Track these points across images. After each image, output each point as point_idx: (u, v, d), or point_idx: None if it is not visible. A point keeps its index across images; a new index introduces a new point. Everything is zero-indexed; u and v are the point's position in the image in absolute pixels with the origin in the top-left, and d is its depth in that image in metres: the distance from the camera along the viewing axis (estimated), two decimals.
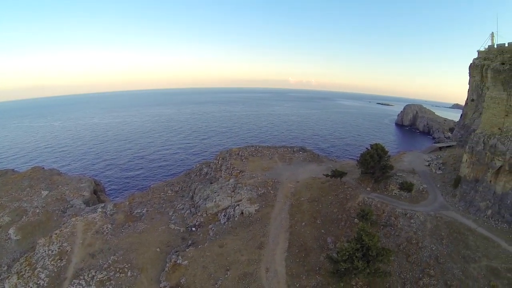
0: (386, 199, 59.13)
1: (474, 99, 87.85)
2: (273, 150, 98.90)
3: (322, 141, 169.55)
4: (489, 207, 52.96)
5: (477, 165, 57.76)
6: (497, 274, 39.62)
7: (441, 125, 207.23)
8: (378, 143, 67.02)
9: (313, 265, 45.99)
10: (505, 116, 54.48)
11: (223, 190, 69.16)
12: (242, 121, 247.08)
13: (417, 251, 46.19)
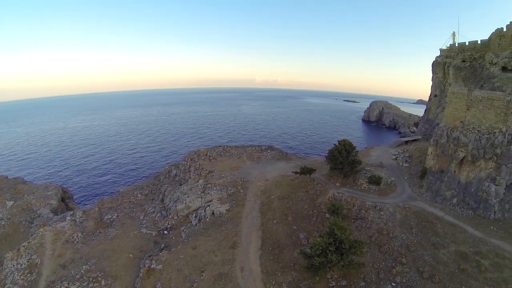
0: (356, 193, 60.49)
1: (437, 95, 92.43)
2: (241, 150, 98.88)
3: (290, 139, 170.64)
4: (454, 195, 55.50)
5: (441, 156, 60.35)
6: (466, 258, 41.53)
7: (406, 120, 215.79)
8: (345, 139, 68.14)
9: (287, 262, 46.38)
10: (467, 110, 56.99)
11: (193, 191, 68.79)
12: (210, 121, 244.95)
13: (388, 241, 47.50)
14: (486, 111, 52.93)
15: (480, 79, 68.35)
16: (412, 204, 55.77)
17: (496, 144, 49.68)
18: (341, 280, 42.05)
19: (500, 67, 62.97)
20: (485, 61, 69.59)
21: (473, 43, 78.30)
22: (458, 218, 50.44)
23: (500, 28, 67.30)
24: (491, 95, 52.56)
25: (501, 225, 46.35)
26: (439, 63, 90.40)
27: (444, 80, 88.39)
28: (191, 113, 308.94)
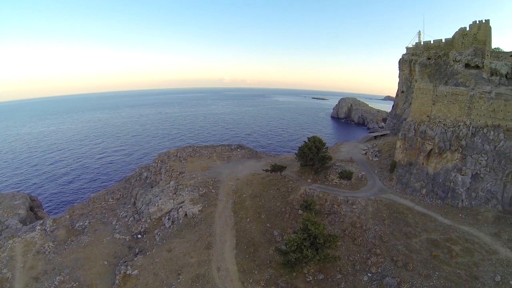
0: (328, 189, 61.18)
1: (404, 91, 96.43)
2: (211, 149, 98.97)
3: (260, 137, 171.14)
4: (423, 186, 57.84)
5: (409, 150, 62.62)
6: (437, 244, 43.37)
7: (374, 116, 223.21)
8: (315, 136, 68.89)
9: (263, 259, 46.43)
10: (432, 104, 59.48)
11: (165, 193, 68.22)
12: (180, 122, 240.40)
13: (362, 233, 48.56)
14: (451, 106, 55.49)
15: (444, 75, 71.98)
16: (383, 196, 57.43)
17: (461, 137, 52.35)
18: (318, 274, 42.34)
19: (463, 64, 66.68)
20: (449, 59, 73.48)
21: (438, 41, 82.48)
22: (428, 207, 52.66)
23: (463, 28, 71.57)
24: (455, 90, 55.24)
25: (469, 212, 48.96)
26: (406, 60, 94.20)
27: (410, 76, 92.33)
28: (160, 114, 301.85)
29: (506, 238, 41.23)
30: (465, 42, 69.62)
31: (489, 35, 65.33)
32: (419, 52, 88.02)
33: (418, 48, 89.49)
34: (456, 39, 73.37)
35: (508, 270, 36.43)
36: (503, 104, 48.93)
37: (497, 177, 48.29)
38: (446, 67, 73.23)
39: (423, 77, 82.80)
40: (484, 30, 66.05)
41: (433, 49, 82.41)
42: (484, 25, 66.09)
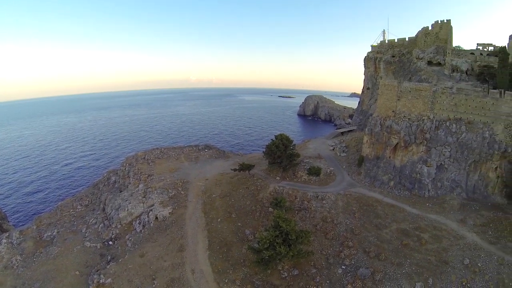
0: (297, 185, 62.11)
1: (370, 87, 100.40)
2: (178, 150, 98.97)
3: (228, 137, 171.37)
4: (391, 179, 60.12)
5: (376, 144, 65.02)
6: (407, 234, 45.23)
7: (341, 112, 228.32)
8: (282, 134, 69.85)
9: (237, 259, 46.55)
10: (397, 100, 62.18)
11: (134, 197, 67.30)
12: (147, 124, 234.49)
13: (333, 228, 49.61)
14: (415, 101, 58.32)
15: (408, 72, 75.82)
16: (352, 190, 59.13)
17: (425, 130, 55.12)
18: (293, 270, 42.76)
19: (426, 62, 70.80)
20: (412, 56, 77.63)
21: (402, 40, 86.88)
22: (396, 199, 54.92)
23: (426, 27, 75.98)
24: (419, 86, 58.22)
25: (436, 201, 51.70)
26: (371, 58, 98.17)
27: (375, 74, 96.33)
28: (127, 117, 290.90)
29: (471, 224, 44.10)
30: (428, 41, 73.99)
31: (450, 34, 69.67)
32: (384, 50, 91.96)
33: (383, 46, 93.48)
34: (419, 38, 77.78)
35: (476, 253, 38.78)
36: (464, 98, 52.45)
37: (460, 167, 51.78)
38: (410, 64, 77.24)
39: (387, 74, 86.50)
40: (445, 30, 70.53)
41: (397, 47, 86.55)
42: (446, 24, 70.64)
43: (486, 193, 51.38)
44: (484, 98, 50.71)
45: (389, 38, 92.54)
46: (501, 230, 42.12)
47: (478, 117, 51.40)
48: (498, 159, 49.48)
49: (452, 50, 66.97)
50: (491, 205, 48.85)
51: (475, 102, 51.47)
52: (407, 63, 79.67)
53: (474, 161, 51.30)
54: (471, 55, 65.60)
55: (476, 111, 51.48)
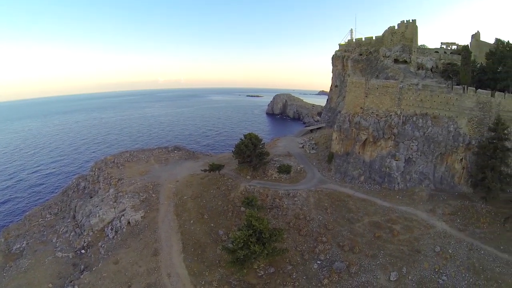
0: (268, 184, 62.53)
1: (338, 85, 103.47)
2: (148, 153, 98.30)
3: (197, 137, 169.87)
4: (361, 174, 62.10)
5: (345, 140, 66.78)
6: (379, 226, 46.92)
7: (309, 110, 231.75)
8: (251, 133, 70.09)
9: (212, 260, 46.65)
10: (365, 97, 64.34)
11: (105, 202, 66.92)
12: (115, 126, 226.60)
13: (306, 224, 50.26)
14: (382, 97, 60.55)
15: (375, 70, 78.99)
16: (323, 187, 60.24)
17: (393, 125, 57.41)
18: (269, 268, 42.74)
19: (392, 59, 74.09)
20: (379, 55, 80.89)
21: (369, 38, 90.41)
22: (367, 193, 56.79)
23: (392, 26, 79.39)
24: (386, 83, 60.63)
25: (405, 194, 54.04)
26: (338, 56, 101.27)
27: (343, 71, 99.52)
28: (95, 120, 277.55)
29: (440, 213, 46.76)
30: (394, 40, 77.48)
31: (415, 33, 73.51)
32: (351, 49, 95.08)
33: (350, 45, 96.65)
34: (386, 37, 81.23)
35: (446, 240, 41.10)
36: (430, 94, 55.40)
37: (427, 160, 54.65)
38: (377, 62, 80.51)
39: (355, 71, 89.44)
40: (411, 29, 74.16)
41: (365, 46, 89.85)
42: (411, 24, 74.34)
43: (453, 183, 54.71)
44: (448, 94, 53.99)
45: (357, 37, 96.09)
46: (469, 217, 45.13)
47: (443, 112, 54.56)
48: (463, 151, 52.95)
49: (417, 48, 70.79)
50: (458, 195, 52.09)
51: (440, 97, 54.59)
52: (374, 61, 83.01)
53: (441, 153, 54.41)
54: (436, 53, 69.96)
55: (441, 106, 54.62)
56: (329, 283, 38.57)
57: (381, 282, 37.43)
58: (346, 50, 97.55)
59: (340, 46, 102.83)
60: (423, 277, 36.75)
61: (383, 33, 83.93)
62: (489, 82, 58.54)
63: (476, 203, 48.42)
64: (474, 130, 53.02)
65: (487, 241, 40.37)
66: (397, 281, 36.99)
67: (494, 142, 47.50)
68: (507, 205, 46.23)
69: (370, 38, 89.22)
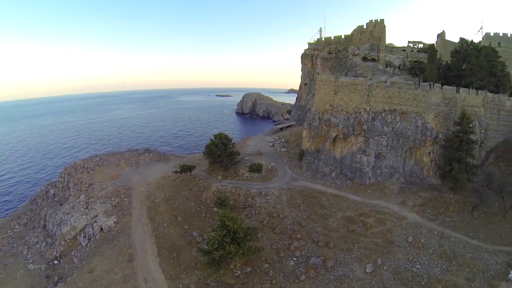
0: (239, 183, 62.63)
1: (307, 83, 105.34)
2: (118, 156, 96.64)
3: (167, 139, 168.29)
4: (332, 170, 63.33)
5: (316, 138, 67.94)
6: (353, 220, 48.23)
7: (279, 108, 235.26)
8: (221, 133, 70.28)
9: (188, 262, 46.45)
10: (335, 94, 65.96)
11: (76, 209, 65.74)
12: (84, 130, 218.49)
13: (280, 222, 50.57)
14: (352, 94, 62.36)
15: (344, 67, 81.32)
16: (295, 184, 60.95)
17: (363, 122, 59.24)
18: (245, 268, 42.70)
19: (361, 58, 76.76)
20: (348, 53, 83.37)
21: (338, 37, 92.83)
22: (339, 189, 58.14)
23: (361, 25, 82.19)
24: (355, 80, 62.57)
25: (377, 188, 56.00)
26: (308, 55, 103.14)
27: (312, 70, 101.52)
28: (63, 124, 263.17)
29: (411, 205, 49.03)
30: (363, 38, 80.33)
31: (383, 32, 77.03)
32: (321, 47, 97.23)
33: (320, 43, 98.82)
34: (355, 36, 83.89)
35: (418, 230, 43.09)
36: (398, 91, 58.05)
37: (397, 154, 57.13)
38: (346, 60, 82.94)
39: (324, 70, 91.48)
40: (379, 28, 77.48)
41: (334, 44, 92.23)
42: (379, 23, 77.62)
43: (422, 176, 57.61)
44: (415, 90, 56.96)
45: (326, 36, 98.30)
46: (438, 207, 47.88)
47: (411, 108, 57.39)
48: (430, 144, 56.06)
49: (385, 47, 74.19)
50: (427, 186, 54.89)
51: (407, 94, 57.42)
52: (343, 59, 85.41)
53: (409, 147, 57.13)
54: (403, 52, 73.83)
55: (409, 102, 57.44)
56: (306, 279, 38.85)
57: (358, 274, 38.36)
58: (315, 49, 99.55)
59: (310, 44, 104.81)
60: (398, 266, 38.20)
61: (352, 32, 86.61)
62: (454, 79, 62.73)
63: (445, 193, 51.44)
64: (440, 125, 56.39)
65: (456, 229, 43.00)
66: (373, 272, 38.13)
67: (460, 135, 51.01)
68: (474, 194, 49.45)
69: (339, 36, 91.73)
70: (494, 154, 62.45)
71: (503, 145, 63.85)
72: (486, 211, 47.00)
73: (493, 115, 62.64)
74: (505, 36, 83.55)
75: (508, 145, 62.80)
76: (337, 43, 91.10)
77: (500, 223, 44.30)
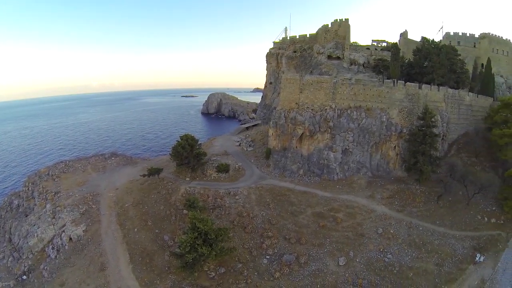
0: (208, 184, 62.42)
1: (272, 82, 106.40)
2: (84, 161, 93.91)
3: (134, 142, 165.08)
4: (300, 167, 64.14)
5: (282, 136, 68.63)
6: (323, 216, 49.12)
7: (245, 108, 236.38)
8: (187, 134, 70.05)
9: (161, 267, 46.15)
10: (300, 93, 67.14)
11: (42, 219, 64.04)
12: (47, 135, 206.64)
13: (250, 221, 50.63)
14: (317, 92, 63.78)
15: (309, 66, 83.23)
16: (263, 183, 61.20)
17: (329, 119, 60.76)
18: (219, 269, 42.45)
19: (326, 56, 78.86)
20: (313, 51, 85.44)
21: (303, 36, 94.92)
22: (307, 185, 59.02)
23: (325, 25, 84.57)
24: (320, 78, 64.13)
25: (345, 183, 57.50)
26: (273, 54, 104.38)
27: (277, 68, 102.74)
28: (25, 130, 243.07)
29: (379, 197, 50.99)
30: (328, 37, 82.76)
31: (348, 31, 79.59)
32: (286, 46, 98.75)
33: (285, 42, 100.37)
34: (320, 35, 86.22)
35: (387, 222, 44.85)
36: (362, 88, 60.25)
37: (363, 149, 59.19)
38: (311, 59, 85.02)
39: (289, 68, 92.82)
40: (344, 27, 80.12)
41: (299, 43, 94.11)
42: (344, 22, 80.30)
43: (389, 169, 60.21)
44: (379, 87, 59.43)
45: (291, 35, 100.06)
46: (405, 199, 50.24)
47: (375, 104, 59.75)
48: (395, 139, 58.69)
49: (350, 45, 76.68)
50: (394, 179, 57.42)
51: (372, 91, 59.75)
52: (308, 57, 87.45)
53: (375, 142, 59.36)
54: (367, 50, 76.94)
55: (374, 99, 59.79)
56: (281, 276, 38.92)
57: (331, 268, 39.03)
58: (281, 48, 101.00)
59: (275, 44, 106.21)
60: (370, 258, 39.45)
61: (317, 31, 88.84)
62: (417, 76, 66.35)
63: (411, 185, 54.14)
64: (404, 120, 59.31)
65: (424, 218, 45.44)
66: (346, 265, 39.03)
67: (423, 129, 53.81)
68: (439, 184, 52.61)
69: (304, 35, 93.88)
70: (456, 146, 67.33)
71: (464, 137, 69.07)
72: (451, 199, 50.35)
73: (454, 110, 67.57)
74: (464, 35, 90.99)
75: (469, 137, 67.85)
76: (302, 42, 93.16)
77: (464, 210, 47.79)
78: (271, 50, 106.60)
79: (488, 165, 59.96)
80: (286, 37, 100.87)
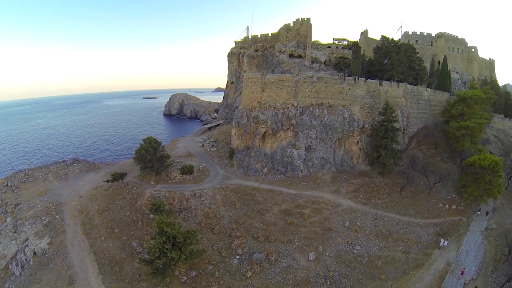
0: (172, 187, 61.67)
1: (234, 81, 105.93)
2: (45, 170, 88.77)
3: (96, 146, 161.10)
4: (264, 166, 64.24)
5: (245, 135, 68.48)
6: (290, 213, 49.56)
7: (206, 108, 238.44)
8: (150, 136, 68.83)
9: (132, 275, 45.17)
10: (262, 91, 67.42)
11: (3, 234, 62.14)
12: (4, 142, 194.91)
13: (217, 222, 50.19)
14: (279, 91, 64.39)
15: (271, 65, 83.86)
16: (228, 183, 60.91)
17: (291, 116, 61.58)
18: (190, 272, 41.94)
19: (288, 55, 79.95)
20: (275, 50, 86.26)
21: (265, 35, 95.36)
22: (272, 183, 59.38)
23: (287, 24, 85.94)
24: (282, 77, 64.80)
25: (309, 179, 58.40)
26: (234, 53, 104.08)
27: (239, 68, 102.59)
28: None
29: (344, 192, 52.39)
30: (289, 36, 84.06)
31: (309, 30, 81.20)
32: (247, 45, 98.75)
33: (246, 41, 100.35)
34: (281, 33, 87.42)
35: (353, 215, 46.23)
36: (324, 85, 61.67)
37: (327, 146, 60.48)
38: (273, 57, 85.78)
39: (251, 67, 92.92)
40: (305, 26, 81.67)
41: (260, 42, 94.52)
42: (306, 22, 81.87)
43: (352, 164, 62.03)
44: (341, 85, 61.22)
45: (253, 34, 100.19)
46: (370, 192, 52.16)
47: (337, 101, 61.45)
48: (358, 134, 60.60)
49: (311, 44, 78.18)
50: (358, 173, 59.35)
51: (334, 88, 61.38)
52: (270, 56, 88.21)
53: (338, 138, 60.94)
54: (328, 48, 79.10)
55: (335, 96, 61.46)
56: (253, 275, 38.80)
57: (302, 263, 39.49)
58: (242, 47, 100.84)
59: (236, 43, 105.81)
60: (339, 250, 40.54)
61: (278, 30, 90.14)
62: (377, 73, 69.57)
63: (375, 178, 56.42)
64: (366, 115, 61.59)
65: (388, 209, 47.63)
66: (316, 259, 39.72)
67: (385, 124, 56.44)
68: (401, 176, 55.48)
69: (266, 35, 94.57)
70: (416, 139, 72.01)
71: (423, 130, 74.23)
72: (413, 190, 53.81)
73: (413, 105, 72.12)
74: (422, 34, 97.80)
75: (428, 130, 72.98)
76: (264, 41, 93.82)
77: (426, 199, 51.44)
78: (232, 49, 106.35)
79: (447, 155, 65.28)
80: (247, 36, 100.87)
